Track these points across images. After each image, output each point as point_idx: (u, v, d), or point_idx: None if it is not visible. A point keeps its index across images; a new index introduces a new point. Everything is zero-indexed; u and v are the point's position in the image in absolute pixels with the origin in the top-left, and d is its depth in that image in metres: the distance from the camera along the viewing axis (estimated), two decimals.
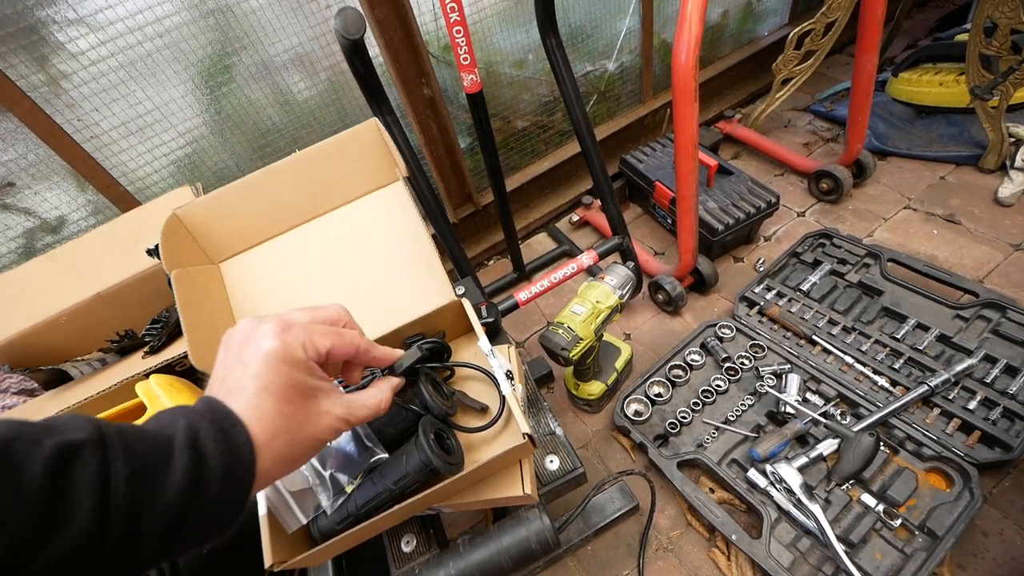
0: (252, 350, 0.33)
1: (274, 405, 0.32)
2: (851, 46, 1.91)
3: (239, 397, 0.32)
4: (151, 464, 0.27)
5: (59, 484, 0.24)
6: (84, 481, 0.24)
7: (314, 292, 0.61)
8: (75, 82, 0.88)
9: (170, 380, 0.67)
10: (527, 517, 0.47)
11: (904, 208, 1.34)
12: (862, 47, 1.13)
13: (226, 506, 0.29)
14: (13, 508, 0.22)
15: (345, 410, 0.37)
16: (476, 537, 0.47)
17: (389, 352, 0.43)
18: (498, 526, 0.47)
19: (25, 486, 0.23)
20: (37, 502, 0.23)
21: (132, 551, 0.25)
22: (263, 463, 0.31)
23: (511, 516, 0.48)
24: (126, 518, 0.25)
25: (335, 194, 0.63)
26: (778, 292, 1.18)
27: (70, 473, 0.24)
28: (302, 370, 0.34)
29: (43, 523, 0.23)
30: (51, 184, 0.96)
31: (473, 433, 0.51)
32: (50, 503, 0.23)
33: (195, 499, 0.27)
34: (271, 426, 0.32)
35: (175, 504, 0.27)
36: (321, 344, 0.36)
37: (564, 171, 1.57)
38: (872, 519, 0.82)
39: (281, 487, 0.47)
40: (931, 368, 0.96)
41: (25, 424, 0.25)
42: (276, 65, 1.04)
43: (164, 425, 0.29)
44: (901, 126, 1.49)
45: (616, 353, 1.12)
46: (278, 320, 0.35)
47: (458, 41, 0.85)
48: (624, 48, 1.47)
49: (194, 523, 0.28)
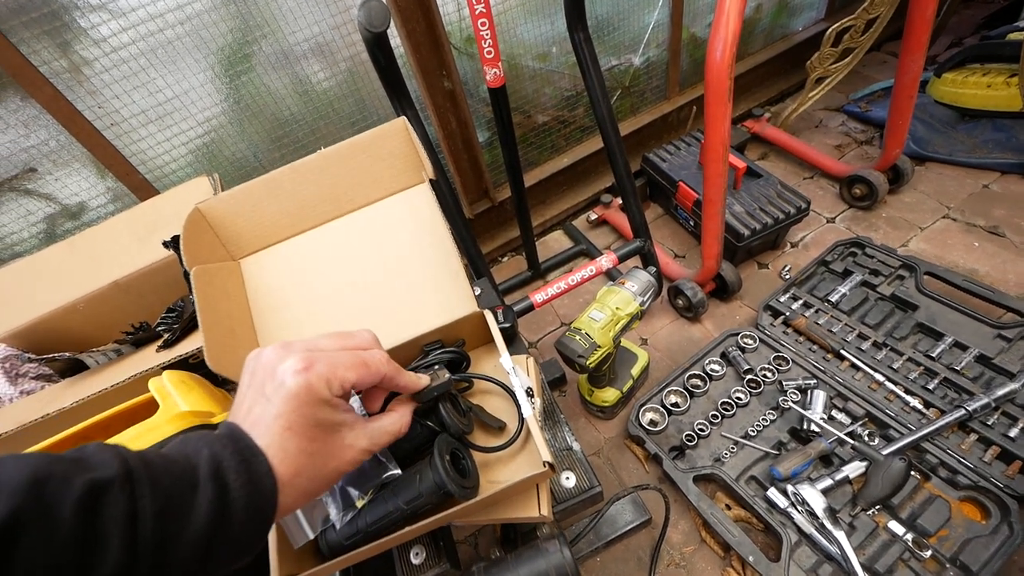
0: (275, 386, 0.33)
1: (297, 444, 0.32)
2: (890, 43, 1.84)
3: (263, 434, 0.32)
4: (177, 498, 0.27)
5: (91, 523, 0.25)
6: (114, 520, 0.25)
7: (333, 294, 0.60)
8: (97, 69, 0.87)
9: (182, 377, 0.66)
10: (547, 549, 0.45)
11: (943, 218, 1.27)
12: (908, 46, 1.07)
13: (249, 536, 0.30)
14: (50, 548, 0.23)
15: (368, 440, 0.37)
16: (492, 567, 0.45)
17: (415, 380, 0.43)
18: (516, 555, 0.45)
19: (60, 527, 0.24)
20: (72, 541, 0.24)
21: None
22: (285, 497, 0.31)
23: (529, 545, 0.46)
24: (155, 553, 0.26)
25: (359, 194, 0.61)
26: (805, 302, 1.13)
27: (100, 512, 0.25)
28: (326, 408, 0.34)
29: (79, 561, 0.24)
30: (72, 171, 0.96)
31: (489, 453, 0.49)
32: (83, 542, 0.24)
33: (220, 530, 0.28)
34: (294, 464, 0.32)
35: (202, 536, 0.27)
36: (346, 378, 0.35)
37: (583, 168, 1.53)
38: (900, 548, 0.78)
39: None
40: (969, 391, 0.91)
41: (55, 460, 0.25)
42: (296, 54, 1.02)
43: (189, 453, 0.30)
44: (942, 130, 1.42)
45: (632, 359, 1.09)
46: (303, 355, 0.34)
47: (483, 34, 0.82)
48: (651, 42, 1.42)
49: (219, 554, 0.28)
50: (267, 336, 0.59)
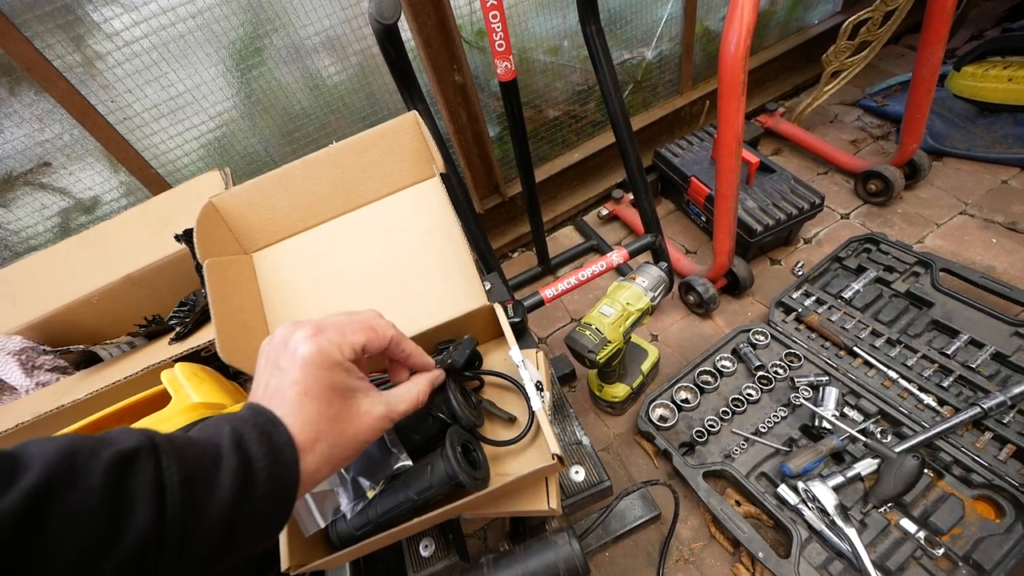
0: (289, 356, 0.34)
1: (316, 408, 0.33)
2: (907, 36, 1.80)
3: (281, 404, 0.33)
4: (202, 469, 0.28)
5: (120, 490, 0.25)
6: (141, 486, 0.26)
7: (345, 287, 0.60)
8: (109, 63, 0.88)
9: (194, 369, 0.67)
10: (556, 541, 0.45)
11: (960, 214, 1.25)
12: (927, 38, 1.05)
13: (274, 506, 0.30)
14: (81, 514, 0.24)
15: (385, 407, 0.37)
16: (501, 558, 0.45)
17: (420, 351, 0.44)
18: (525, 547, 0.45)
19: (90, 493, 0.24)
20: (101, 507, 0.24)
21: (190, 552, 0.27)
22: (307, 464, 0.32)
23: (538, 538, 0.46)
24: (182, 520, 0.26)
25: (370, 188, 0.61)
26: (817, 299, 1.12)
27: (128, 479, 0.26)
28: (339, 371, 0.35)
29: (110, 526, 0.24)
30: (85, 165, 0.97)
31: (500, 446, 0.49)
32: (113, 508, 0.25)
33: (245, 501, 0.29)
34: (314, 429, 0.32)
35: (227, 505, 0.28)
36: (355, 341, 0.36)
37: (594, 163, 1.52)
38: (912, 546, 0.77)
39: None
40: (984, 388, 0.89)
41: (81, 438, 0.27)
42: (307, 48, 1.02)
43: (211, 433, 0.31)
44: (961, 124, 1.39)
45: (643, 355, 1.08)
46: (312, 324, 0.36)
47: (494, 27, 0.82)
48: (664, 35, 1.41)
49: (246, 524, 0.29)
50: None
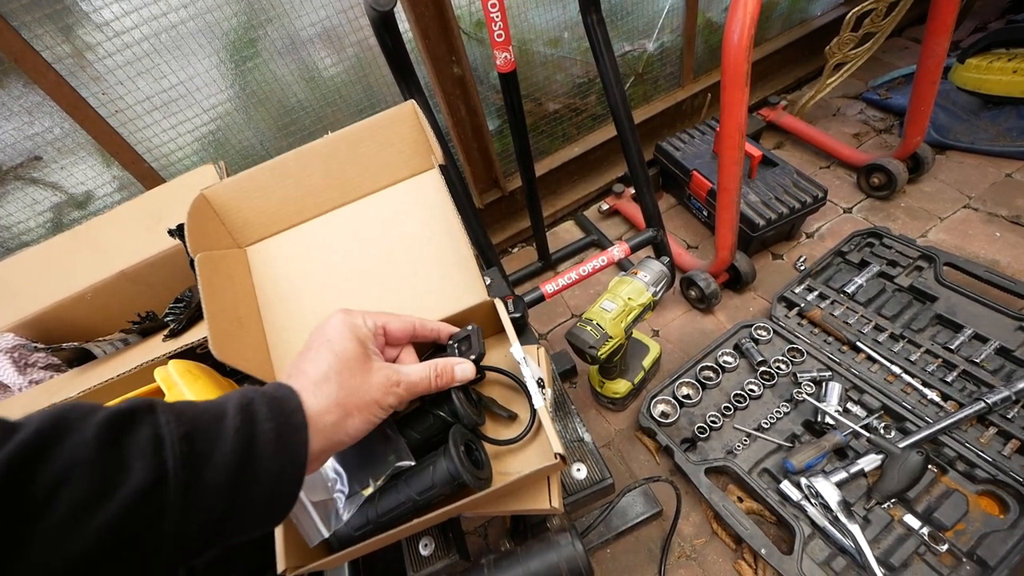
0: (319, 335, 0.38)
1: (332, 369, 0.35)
2: (910, 29, 1.78)
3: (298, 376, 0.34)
4: (203, 425, 0.28)
5: (115, 444, 0.25)
6: (138, 440, 0.25)
7: (341, 281, 0.58)
8: (100, 54, 0.86)
9: (188, 366, 0.65)
10: (558, 542, 0.44)
11: (964, 207, 1.24)
12: (932, 29, 1.03)
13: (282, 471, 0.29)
14: (73, 467, 0.23)
15: (398, 374, 0.39)
16: (502, 559, 0.44)
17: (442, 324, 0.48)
18: (526, 548, 0.44)
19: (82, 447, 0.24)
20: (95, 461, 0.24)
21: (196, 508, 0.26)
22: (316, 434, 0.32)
23: (540, 538, 0.45)
24: (183, 473, 0.26)
25: (367, 180, 0.59)
26: (820, 293, 1.11)
27: (125, 435, 0.25)
28: (365, 339, 0.39)
29: (104, 479, 0.24)
30: (77, 159, 0.95)
31: (502, 445, 0.48)
32: (107, 461, 0.24)
33: (249, 459, 0.28)
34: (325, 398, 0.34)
35: (231, 460, 0.27)
36: (379, 320, 0.41)
37: (595, 157, 1.51)
38: (915, 542, 0.77)
39: (303, 496, 0.44)
40: (989, 383, 0.89)
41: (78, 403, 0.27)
42: (303, 39, 1.00)
43: (219, 400, 0.31)
44: (965, 117, 1.38)
45: (644, 351, 1.07)
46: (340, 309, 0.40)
47: (493, 16, 0.80)
48: (666, 27, 1.39)
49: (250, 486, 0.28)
50: (274, 325, 0.58)
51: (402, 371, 0.40)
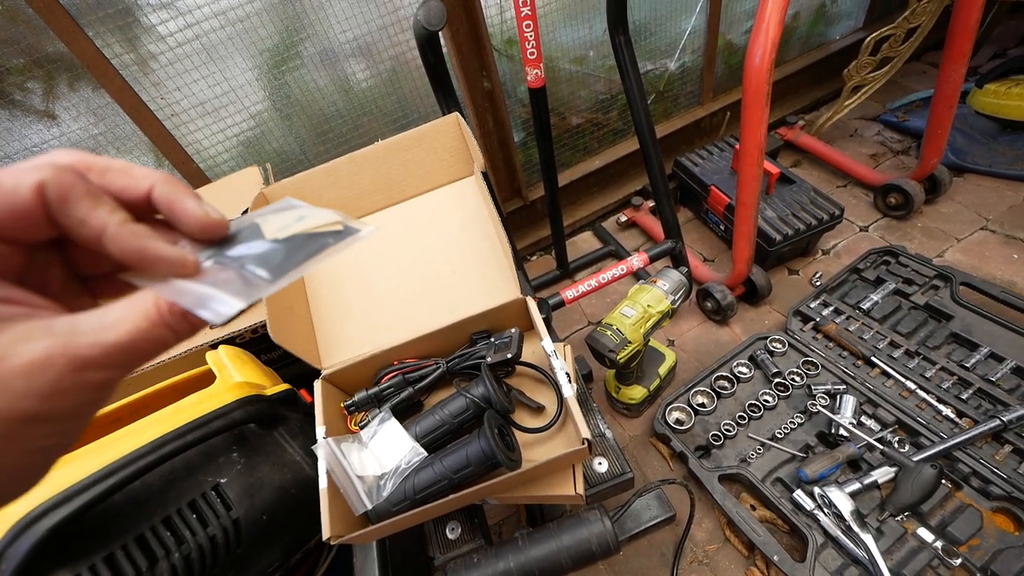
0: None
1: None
2: (929, 53, 1.81)
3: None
4: None
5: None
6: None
7: (384, 277, 0.63)
8: (161, 62, 0.93)
9: (237, 352, 0.70)
10: (588, 518, 0.47)
11: (981, 229, 1.25)
12: (949, 55, 1.06)
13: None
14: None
15: (58, 338, 0.17)
16: (536, 533, 0.47)
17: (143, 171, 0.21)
18: (557, 524, 0.47)
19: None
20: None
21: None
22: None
23: (571, 515, 0.48)
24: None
25: (412, 184, 0.64)
26: (836, 309, 1.13)
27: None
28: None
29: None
30: (133, 158, 1.02)
31: (531, 433, 0.51)
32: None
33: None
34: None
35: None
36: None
37: (615, 170, 1.55)
38: (928, 555, 0.77)
39: (350, 471, 0.48)
40: (1004, 402, 0.89)
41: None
42: (342, 53, 1.07)
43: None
44: (983, 141, 1.40)
45: (660, 359, 1.10)
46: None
47: (527, 35, 0.85)
48: (687, 48, 1.44)
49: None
50: (320, 314, 0.63)
51: (71, 332, 0.17)
